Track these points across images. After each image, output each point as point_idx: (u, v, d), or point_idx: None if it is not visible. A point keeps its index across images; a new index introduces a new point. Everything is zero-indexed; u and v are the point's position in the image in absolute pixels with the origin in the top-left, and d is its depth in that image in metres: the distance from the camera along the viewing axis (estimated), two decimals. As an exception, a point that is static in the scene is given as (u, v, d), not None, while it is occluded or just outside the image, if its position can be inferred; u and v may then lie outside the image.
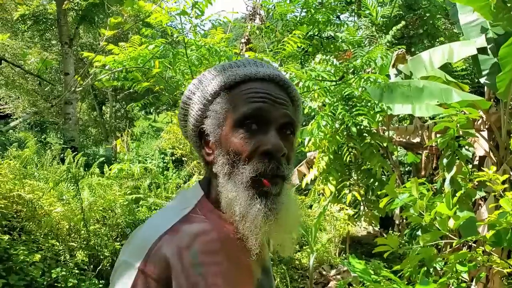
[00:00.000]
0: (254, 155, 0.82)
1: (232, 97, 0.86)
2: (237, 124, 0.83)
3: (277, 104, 0.86)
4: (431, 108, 5.05)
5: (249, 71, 0.88)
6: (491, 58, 5.37)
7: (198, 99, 0.90)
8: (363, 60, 3.91)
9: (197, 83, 0.93)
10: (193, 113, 0.91)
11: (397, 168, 7.23)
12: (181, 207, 0.87)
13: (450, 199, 2.05)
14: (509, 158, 5.12)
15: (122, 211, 3.99)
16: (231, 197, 0.82)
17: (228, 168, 0.83)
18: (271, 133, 0.83)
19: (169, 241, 0.79)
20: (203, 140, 0.90)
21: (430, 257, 2.19)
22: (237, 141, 0.83)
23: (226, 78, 0.88)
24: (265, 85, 0.87)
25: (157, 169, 6.19)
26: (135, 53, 3.20)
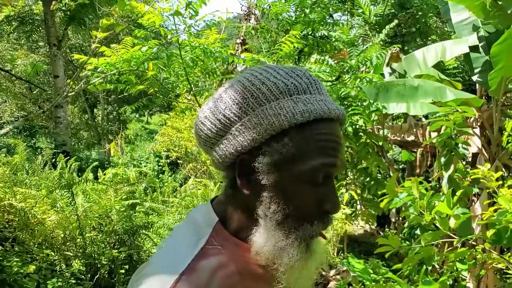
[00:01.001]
0: (315, 211, 0.75)
1: (303, 141, 0.73)
2: (303, 176, 0.73)
3: (341, 154, 0.77)
4: (425, 107, 5.07)
5: (322, 108, 0.74)
6: (483, 56, 5.41)
7: (253, 126, 0.74)
8: (359, 60, 3.90)
9: (252, 102, 0.75)
10: (240, 139, 0.75)
11: (392, 166, 7.25)
12: (195, 238, 0.78)
13: (450, 199, 2.04)
14: (501, 154, 5.15)
15: (119, 217, 3.93)
16: (280, 246, 0.73)
17: (281, 217, 0.74)
18: (331, 185, 0.77)
19: (188, 283, 0.70)
20: (245, 170, 0.76)
21: (429, 256, 2.18)
22: (300, 196, 0.74)
23: (299, 115, 0.72)
24: (334, 129, 0.76)
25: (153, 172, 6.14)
26: (128, 55, 3.16)
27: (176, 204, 5.18)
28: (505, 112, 5.39)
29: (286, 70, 0.78)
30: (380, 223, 7.52)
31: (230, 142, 0.76)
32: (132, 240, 3.93)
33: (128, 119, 19.63)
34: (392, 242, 2.18)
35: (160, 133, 9.34)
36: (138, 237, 4.05)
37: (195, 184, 6.05)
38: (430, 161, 7.05)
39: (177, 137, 8.54)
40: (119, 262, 3.77)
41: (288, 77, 0.76)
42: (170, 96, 3.68)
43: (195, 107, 4.02)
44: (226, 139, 0.77)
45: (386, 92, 5.02)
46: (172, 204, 5.25)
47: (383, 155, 6.34)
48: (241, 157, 0.76)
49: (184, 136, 8.37)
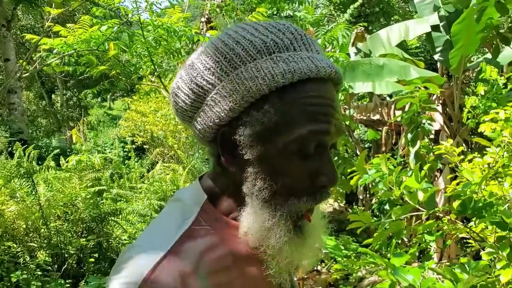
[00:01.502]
0: (306, 185, 0.66)
1: (287, 106, 0.63)
2: (290, 148, 0.64)
3: (337, 120, 0.67)
4: (390, 85, 5.16)
5: (308, 67, 0.63)
6: (444, 35, 5.54)
7: (228, 93, 0.64)
8: (325, 39, 3.90)
9: (226, 65, 0.65)
10: (217, 109, 0.66)
11: (359, 145, 7.39)
12: (181, 218, 0.70)
13: (418, 173, 2.08)
14: (461, 130, 5.35)
15: (85, 205, 3.79)
16: (267, 226, 0.66)
17: (268, 195, 0.66)
18: (327, 157, 0.67)
19: (169, 269, 0.62)
20: (227, 144, 0.68)
21: (399, 230, 2.23)
22: (289, 170, 0.65)
23: (280, 76, 0.62)
24: (324, 90, 0.66)
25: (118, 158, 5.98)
26: (86, 35, 2.99)
27: (145, 190, 5.08)
28: (464, 90, 5.57)
29: (266, 26, 0.67)
30: (348, 200, 7.69)
31: (206, 114, 0.68)
32: (100, 228, 3.82)
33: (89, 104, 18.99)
34: (363, 218, 2.21)
35: (124, 118, 9.06)
36: (107, 224, 3.95)
37: (163, 169, 5.95)
38: (395, 139, 7.22)
39: (142, 122, 8.31)
40: (88, 250, 3.67)
41: (268, 33, 0.66)
42: (133, 79, 3.55)
43: (160, 89, 3.91)
44: (202, 111, 0.68)
45: (352, 71, 5.07)
46: (140, 190, 5.15)
47: (350, 134, 6.44)
48: (222, 131, 0.67)
49: (149, 120, 8.17)
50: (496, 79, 3.95)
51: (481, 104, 3.91)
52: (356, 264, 2.45)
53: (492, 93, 3.94)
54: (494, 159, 2.61)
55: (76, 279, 3.58)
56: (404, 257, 1.75)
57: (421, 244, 2.30)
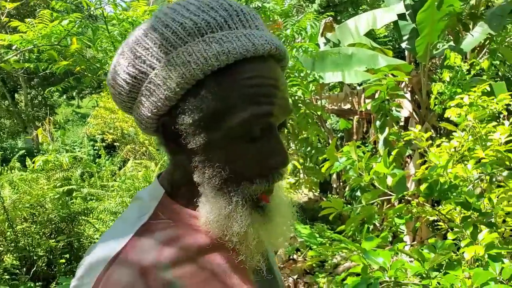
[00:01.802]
0: (257, 168, 0.64)
1: (225, 89, 0.60)
2: (234, 132, 0.61)
3: (282, 99, 0.64)
4: (359, 74, 5.23)
5: (244, 45, 0.60)
6: (410, 23, 5.64)
7: (162, 81, 0.61)
8: (294, 30, 3.90)
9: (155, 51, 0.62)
10: (152, 99, 0.63)
11: (331, 135, 7.48)
12: (138, 215, 0.67)
13: (386, 159, 2.12)
14: (430, 116, 5.48)
15: (54, 206, 3.68)
16: (225, 214, 0.64)
17: (219, 182, 0.63)
18: (276, 139, 0.64)
19: (123, 266, 0.59)
20: (170, 134, 0.65)
21: (370, 214, 2.27)
22: (235, 155, 0.63)
23: (214, 58, 0.59)
24: (265, 69, 0.62)
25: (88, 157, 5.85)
26: (47, 30, 2.88)
27: (117, 188, 4.99)
28: (431, 77, 5.70)
29: (198, 4, 0.62)
30: (323, 189, 7.79)
31: (143, 104, 0.64)
32: (71, 228, 3.73)
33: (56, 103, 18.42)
34: (335, 205, 2.24)
35: (93, 115, 8.83)
36: (77, 224, 3.85)
37: (134, 166, 5.86)
38: (366, 128, 7.35)
39: (111, 119, 8.12)
40: (58, 251, 3.57)
41: (199, 12, 0.61)
42: (99, 75, 3.45)
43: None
44: (139, 102, 0.65)
45: (322, 62, 5.10)
46: (112, 188, 5.06)
47: (322, 124, 6.50)
48: (162, 121, 0.64)
49: (119, 117, 7.98)
50: (460, 66, 4.06)
51: (446, 90, 4.02)
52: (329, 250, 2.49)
53: (457, 79, 4.05)
54: (460, 143, 2.69)
55: (46, 281, 3.49)
56: (375, 241, 1.78)
57: (392, 228, 2.35)
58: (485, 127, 2.62)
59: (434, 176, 1.93)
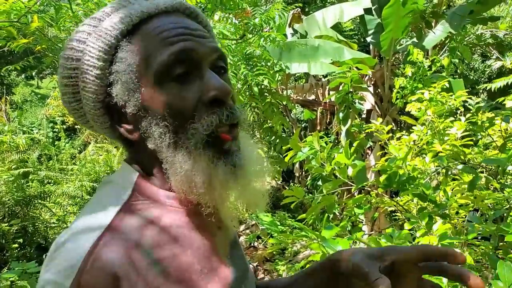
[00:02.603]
0: (200, 108, 0.64)
1: (139, 45, 0.65)
2: (162, 78, 0.64)
3: (200, 38, 0.67)
4: (325, 66, 5.31)
5: (146, 6, 0.67)
6: (376, 18, 5.76)
7: (88, 64, 0.66)
8: (262, 19, 3.89)
9: (77, 45, 0.67)
10: (88, 86, 0.67)
11: (295, 124, 7.57)
12: (115, 197, 0.67)
13: (348, 150, 2.17)
14: (391, 110, 5.65)
15: (8, 188, 3.54)
16: (187, 168, 0.64)
17: (171, 137, 0.64)
18: (209, 74, 0.66)
19: (112, 243, 0.59)
20: (117, 116, 0.68)
21: (331, 204, 2.33)
22: (172, 98, 0.64)
23: (119, 23, 0.66)
24: (174, 18, 0.68)
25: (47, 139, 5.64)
26: (6, 6, 2.75)
27: (76, 171, 4.87)
28: (394, 71, 5.86)
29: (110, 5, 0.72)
30: (285, 178, 7.90)
31: (87, 99, 0.69)
32: (25, 212, 3.60)
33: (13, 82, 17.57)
34: (297, 193, 2.29)
35: (53, 97, 8.51)
36: (33, 208, 3.72)
37: (95, 150, 5.71)
38: (329, 119, 7.48)
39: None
40: (11, 235, 3.44)
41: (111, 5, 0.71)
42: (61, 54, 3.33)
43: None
44: (84, 99, 0.69)
45: (289, 52, 5.13)
46: (72, 172, 4.92)
47: (287, 114, 6.57)
48: (105, 103, 0.68)
49: (81, 100, 7.75)
50: (422, 62, 4.20)
51: (408, 85, 4.15)
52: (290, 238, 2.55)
53: (418, 74, 4.19)
54: (419, 137, 2.80)
55: (-4, 266, 3.37)
56: (334, 229, 1.84)
57: (351, 217, 2.43)
58: (443, 122, 2.74)
59: (393, 168, 2.00)
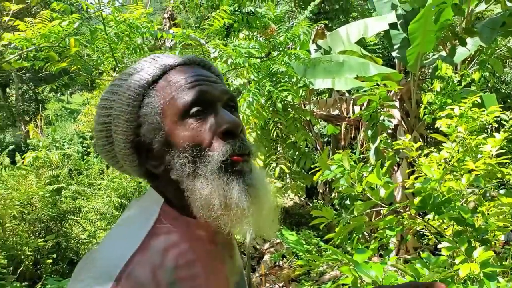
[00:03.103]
0: (215, 140, 0.74)
1: (161, 92, 0.77)
2: (182, 116, 0.74)
3: (213, 83, 0.79)
4: (349, 81, 5.29)
5: (166, 61, 0.80)
6: (401, 33, 5.73)
7: (120, 110, 0.77)
8: (287, 36, 3.93)
9: (110, 96, 0.80)
10: (119, 129, 0.77)
11: (319, 140, 7.53)
12: (144, 218, 0.75)
13: (379, 170, 2.14)
14: (418, 125, 5.57)
15: (43, 204, 3.63)
16: (206, 194, 0.71)
17: (190, 167, 0.73)
18: (222, 111, 0.77)
19: (142, 262, 0.67)
20: (144, 154, 0.78)
21: (360, 225, 2.30)
22: (190, 133, 0.73)
23: (146, 75, 0.78)
24: (190, 69, 0.80)
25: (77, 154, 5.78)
26: (46, 30, 2.87)
27: (104, 186, 4.95)
28: (421, 86, 5.79)
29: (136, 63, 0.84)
30: (308, 194, 7.83)
31: (117, 136, 0.78)
32: (59, 227, 3.68)
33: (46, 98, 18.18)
34: (326, 214, 2.26)
35: (83, 113, 8.77)
36: (65, 223, 3.80)
37: (124, 165, 5.79)
38: (354, 134, 7.42)
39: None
40: (46, 251, 3.52)
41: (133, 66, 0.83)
42: (94, 74, 3.44)
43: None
44: (114, 136, 0.79)
45: (313, 68, 5.15)
46: (100, 187, 5.01)
47: (310, 129, 6.55)
48: (133, 143, 0.78)
49: (109, 116, 7.95)
50: (451, 77, 4.13)
51: (437, 100, 4.09)
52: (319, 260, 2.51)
53: (448, 89, 4.12)
54: (450, 154, 2.73)
55: (32, 281, 3.44)
56: (367, 253, 1.81)
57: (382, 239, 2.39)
58: (475, 139, 2.67)
59: (428, 189, 1.96)
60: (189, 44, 3.02)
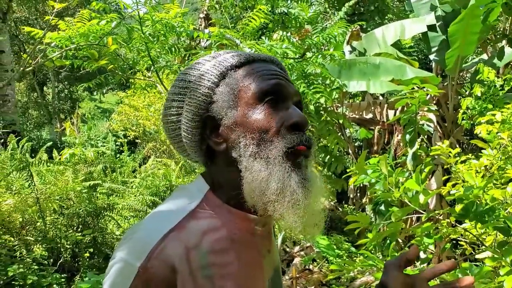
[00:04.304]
0: (283, 129, 0.77)
1: (243, 75, 0.81)
2: (257, 101, 0.78)
3: (288, 81, 0.84)
4: (384, 85, 5.17)
5: (251, 54, 0.85)
6: (440, 35, 5.55)
7: (199, 84, 0.81)
8: (323, 37, 3.88)
9: (191, 72, 0.84)
10: (193, 101, 0.81)
11: (351, 144, 7.41)
12: (187, 202, 0.78)
13: (419, 175, 2.08)
14: (455, 131, 5.38)
15: (80, 199, 3.74)
16: (264, 176, 0.73)
17: (254, 148, 0.75)
18: (293, 107, 0.80)
19: (176, 241, 0.71)
20: (209, 130, 0.81)
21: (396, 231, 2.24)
22: (262, 117, 0.77)
23: (231, 59, 0.83)
24: (270, 65, 0.85)
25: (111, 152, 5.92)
26: (84, 29, 2.95)
27: (137, 184, 5.03)
28: (458, 91, 5.60)
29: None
30: (339, 199, 7.73)
31: (189, 108, 0.82)
32: (95, 223, 3.79)
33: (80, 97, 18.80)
34: (361, 219, 2.22)
35: (117, 112, 8.99)
36: (101, 219, 3.91)
37: (155, 164, 5.90)
38: (387, 139, 7.25)
39: (135, 116, 8.31)
40: (83, 245, 3.63)
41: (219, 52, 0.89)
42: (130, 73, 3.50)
43: (157, 84, 3.86)
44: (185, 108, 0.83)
45: (348, 70, 5.07)
46: (132, 184, 5.10)
47: (342, 132, 6.45)
48: (202, 117, 0.81)
49: (142, 115, 8.14)
50: (493, 81, 3.97)
51: (477, 105, 3.93)
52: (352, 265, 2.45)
53: (489, 94, 3.96)
54: (490, 162, 2.62)
55: (71, 273, 3.55)
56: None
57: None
58: (518, 146, 2.55)
59: (471, 197, 1.88)
60: (224, 44, 3.03)
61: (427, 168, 2.28)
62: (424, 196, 2.03)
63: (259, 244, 0.81)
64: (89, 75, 4.56)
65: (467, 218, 1.90)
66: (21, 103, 15.29)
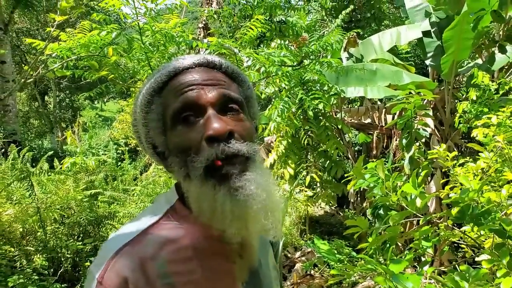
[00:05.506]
0: (204, 144, 0.75)
1: (164, 98, 0.82)
2: (173, 123, 0.79)
3: (209, 86, 0.80)
4: (382, 90, 5.23)
5: (173, 66, 0.84)
6: (435, 40, 5.62)
7: (138, 117, 0.85)
8: (320, 44, 3.93)
9: (135, 101, 0.88)
10: (139, 133, 0.86)
11: (350, 149, 7.44)
12: (152, 214, 0.82)
13: (415, 179, 2.11)
14: (453, 135, 5.42)
15: (81, 208, 3.77)
16: (197, 196, 0.76)
17: (184, 170, 0.78)
18: (211, 117, 0.77)
19: (129, 254, 0.74)
20: (161, 155, 0.85)
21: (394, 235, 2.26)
22: (179, 138, 0.78)
23: (153, 82, 0.84)
24: (192, 74, 0.82)
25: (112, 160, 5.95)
26: (85, 40, 3.00)
27: (138, 192, 5.06)
28: (455, 95, 5.64)
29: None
30: (339, 203, 7.74)
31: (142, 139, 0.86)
32: (97, 231, 3.80)
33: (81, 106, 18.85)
34: (360, 223, 2.24)
35: (118, 120, 9.05)
36: (102, 227, 3.92)
37: (156, 171, 5.93)
38: (386, 143, 7.29)
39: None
40: (84, 254, 3.64)
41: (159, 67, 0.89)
42: (130, 82, 3.54)
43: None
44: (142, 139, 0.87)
45: (346, 76, 5.12)
46: (133, 192, 5.12)
47: (341, 137, 6.49)
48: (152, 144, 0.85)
49: (143, 123, 8.16)
50: (488, 85, 4.02)
51: (473, 109, 3.97)
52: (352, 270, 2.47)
53: (484, 98, 4.00)
54: (487, 165, 2.65)
55: (71, 283, 3.55)
56: (403, 263, 1.77)
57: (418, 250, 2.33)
58: (514, 148, 2.58)
59: (466, 200, 1.91)
60: (222, 53, 3.08)
61: (423, 172, 2.31)
62: (421, 199, 2.07)
63: (228, 250, 0.81)
64: (90, 84, 4.59)
65: (463, 221, 1.93)
66: (22, 113, 15.34)
